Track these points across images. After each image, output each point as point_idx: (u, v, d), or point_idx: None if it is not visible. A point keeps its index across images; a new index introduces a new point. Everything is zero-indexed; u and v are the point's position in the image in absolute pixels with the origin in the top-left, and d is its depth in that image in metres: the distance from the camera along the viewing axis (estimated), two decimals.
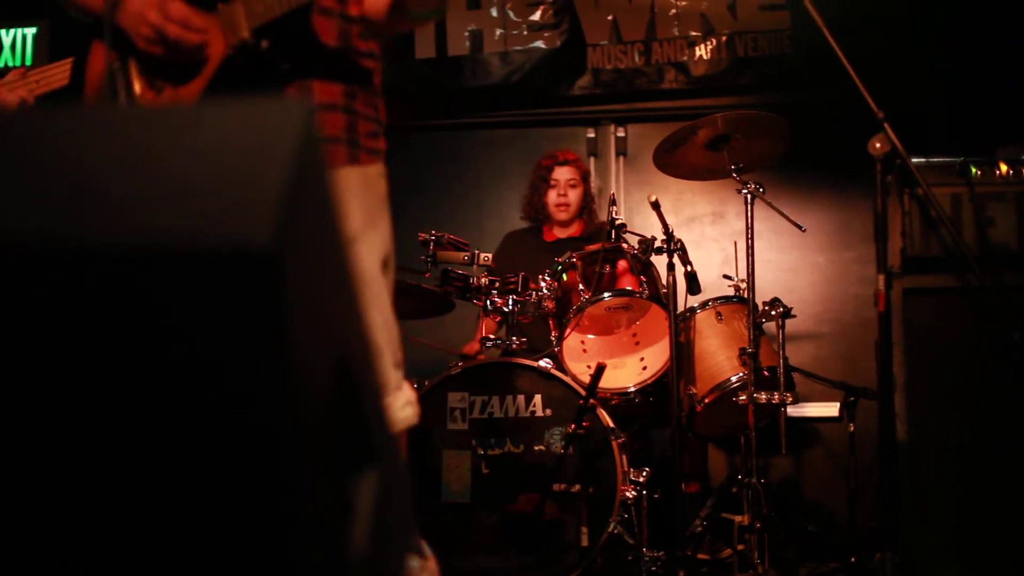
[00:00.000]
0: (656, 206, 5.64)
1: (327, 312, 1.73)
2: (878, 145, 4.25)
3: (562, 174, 6.82)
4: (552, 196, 6.81)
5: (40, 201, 1.55)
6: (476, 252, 5.59)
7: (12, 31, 8.00)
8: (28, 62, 7.93)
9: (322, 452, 1.61)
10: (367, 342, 1.97)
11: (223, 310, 1.46)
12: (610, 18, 8.05)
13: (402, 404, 3.17)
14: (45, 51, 7.96)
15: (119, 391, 1.50)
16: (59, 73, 4.26)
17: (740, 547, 5.32)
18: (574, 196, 6.80)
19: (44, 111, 1.68)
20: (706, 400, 5.58)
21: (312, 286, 1.61)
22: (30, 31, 7.95)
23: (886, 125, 4.24)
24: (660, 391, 5.65)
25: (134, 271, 1.49)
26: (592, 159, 8.08)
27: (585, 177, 6.89)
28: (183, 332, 1.47)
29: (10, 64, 7.93)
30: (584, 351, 5.76)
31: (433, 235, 5.54)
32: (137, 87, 3.26)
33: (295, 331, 1.49)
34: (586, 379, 5.18)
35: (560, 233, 6.81)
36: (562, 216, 6.78)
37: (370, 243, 3.13)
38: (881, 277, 4.27)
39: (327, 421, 1.64)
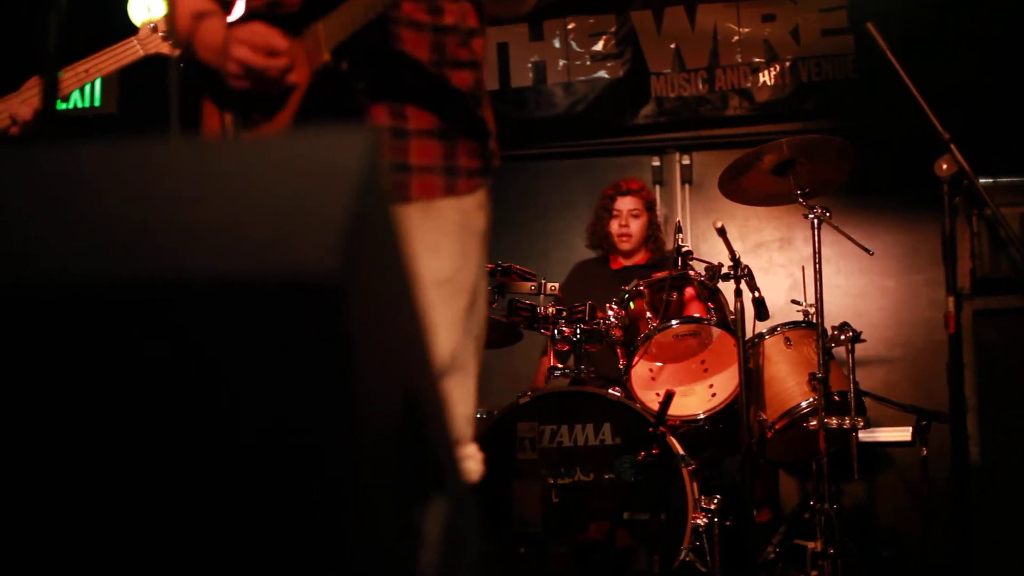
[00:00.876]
0: (722, 232, 5.64)
1: (394, 346, 1.74)
2: (945, 166, 4.23)
3: (624, 204, 6.81)
4: (614, 226, 6.80)
5: (100, 238, 1.57)
6: (543, 282, 5.61)
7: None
8: (97, 103, 8.01)
9: (389, 484, 1.62)
10: (434, 377, 1.97)
11: (285, 344, 1.47)
12: (673, 46, 8.06)
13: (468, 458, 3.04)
14: (114, 91, 8.06)
15: (180, 432, 1.52)
16: (74, 77, 4.29)
17: (813, 574, 5.27)
18: (636, 226, 6.77)
19: (110, 145, 1.70)
20: (776, 426, 5.55)
21: (378, 319, 1.61)
22: None
23: (952, 146, 4.22)
24: (729, 418, 5.63)
25: (193, 308, 1.50)
26: (658, 187, 8.08)
27: (649, 206, 6.86)
28: (245, 367, 1.49)
29: (80, 105, 8.03)
30: (653, 379, 5.75)
31: (500, 265, 5.56)
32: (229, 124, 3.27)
33: (359, 365, 1.50)
34: (655, 407, 5.16)
35: (626, 261, 6.80)
36: (625, 246, 6.76)
37: (459, 284, 2.99)
38: (951, 299, 4.24)
39: (393, 453, 1.65)
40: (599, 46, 8.19)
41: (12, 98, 4.22)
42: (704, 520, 5.01)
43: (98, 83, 8.01)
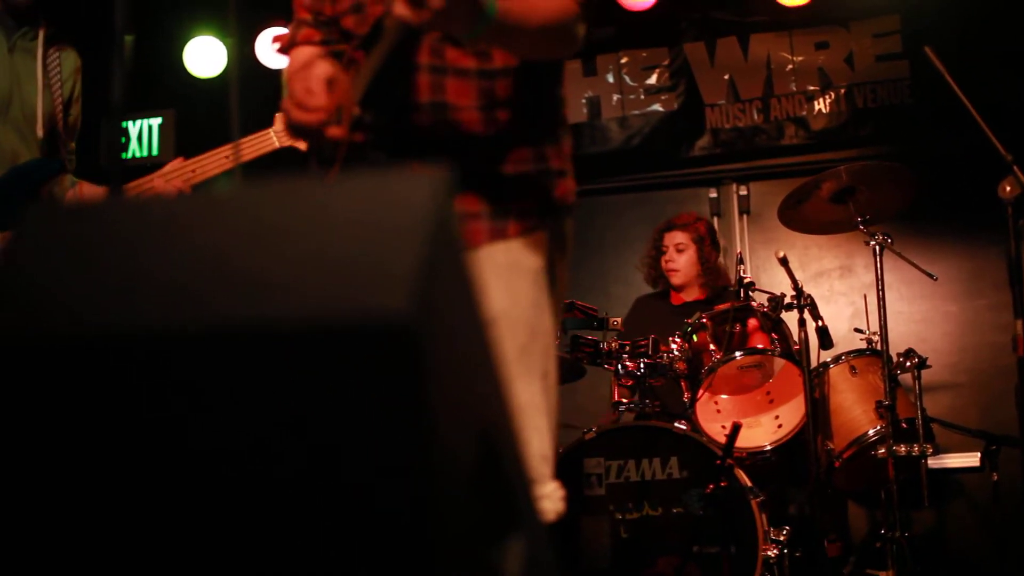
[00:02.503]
0: (784, 262, 5.62)
1: (468, 386, 1.74)
2: (1008, 188, 4.19)
3: (670, 239, 6.78)
4: (663, 260, 6.79)
5: (178, 285, 1.59)
6: (607, 317, 5.61)
7: (138, 122, 8.19)
8: (155, 152, 8.09)
9: (468, 523, 1.62)
10: (510, 417, 1.97)
11: (363, 387, 1.48)
12: (726, 77, 8.06)
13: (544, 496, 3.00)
14: (171, 141, 8.13)
15: (256, 472, 1.53)
16: (215, 162, 4.35)
17: None
18: (682, 260, 6.71)
19: (182, 196, 1.73)
20: (844, 455, 5.51)
21: (452, 360, 1.62)
22: (155, 121, 8.14)
23: (1015, 168, 4.18)
24: (797, 448, 5.59)
25: (273, 351, 1.52)
26: (716, 219, 8.05)
27: (699, 240, 6.77)
28: (321, 410, 1.50)
29: (138, 155, 8.11)
30: (718, 411, 5.73)
31: (562, 302, 5.56)
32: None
33: (436, 405, 1.50)
34: (721, 439, 5.14)
35: (687, 296, 6.76)
36: (675, 280, 6.72)
37: (509, 322, 2.92)
38: (1019, 322, 4.20)
39: (471, 492, 1.65)
40: (653, 79, 8.20)
41: (156, 177, 4.29)
42: (774, 552, 4.98)
43: (156, 131, 8.10)
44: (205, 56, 8.12)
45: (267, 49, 7.58)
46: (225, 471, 1.53)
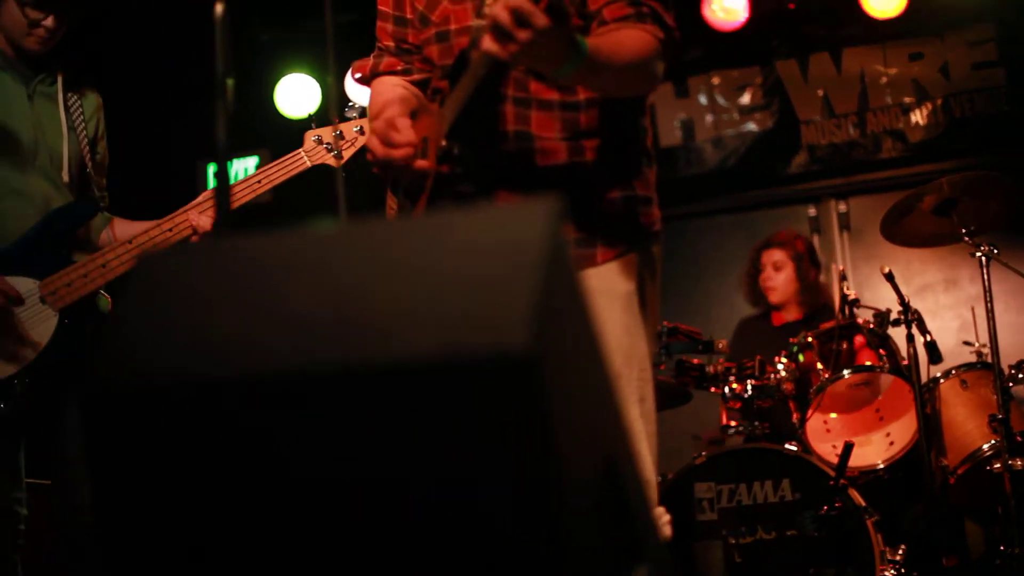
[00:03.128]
0: (890, 277, 5.54)
1: (589, 413, 1.73)
2: None
3: (768, 257, 6.72)
4: (760, 279, 6.73)
5: (300, 324, 1.60)
6: (713, 340, 5.57)
7: (233, 162, 8.25)
8: None
9: (595, 549, 1.61)
10: (629, 442, 1.96)
11: (488, 418, 1.48)
12: (820, 93, 8.01)
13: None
14: None
15: (389, 505, 1.53)
16: (248, 187, 4.38)
17: None
18: (780, 279, 6.64)
19: (298, 233, 1.73)
20: (959, 471, 5.42)
21: (573, 388, 1.62)
22: (251, 162, 8.20)
23: None
24: (909, 465, 5.50)
25: (399, 388, 1.52)
26: (816, 236, 7.98)
27: (797, 257, 6.69)
28: (450, 443, 1.49)
29: None
30: (828, 431, 5.66)
31: (665, 327, 5.53)
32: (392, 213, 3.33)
33: (560, 434, 1.50)
34: (832, 459, 5.09)
35: (787, 316, 6.69)
36: (772, 299, 6.66)
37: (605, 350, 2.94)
38: None
39: (596, 519, 1.65)
40: (746, 99, 8.16)
41: (191, 208, 4.33)
42: (891, 572, 4.90)
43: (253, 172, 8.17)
44: (296, 95, 8.18)
45: (355, 86, 7.65)
46: (354, 505, 1.54)
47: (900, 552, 5.00)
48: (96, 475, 1.62)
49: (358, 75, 3.48)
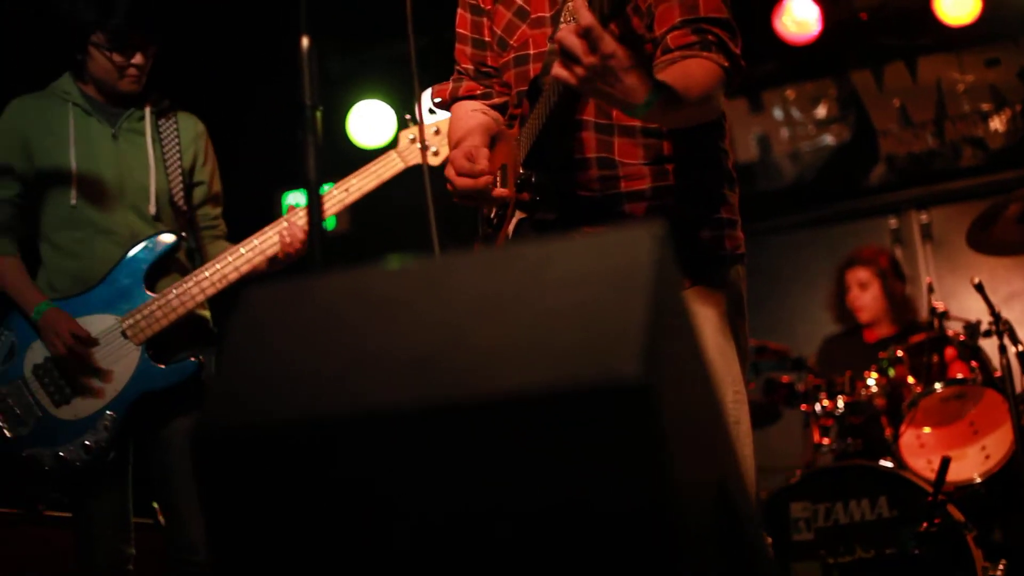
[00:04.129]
0: (980, 288, 5.45)
1: (701, 436, 1.71)
2: None
3: (852, 277, 6.67)
4: (848, 300, 6.67)
5: (403, 360, 1.57)
6: (802, 357, 5.51)
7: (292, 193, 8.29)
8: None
9: (711, 567, 1.60)
10: (738, 465, 1.93)
11: (601, 447, 1.46)
12: (897, 103, 7.92)
13: None
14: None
15: (497, 541, 1.50)
16: (334, 201, 4.38)
17: None
18: (867, 297, 6.59)
19: (402, 268, 1.71)
20: None
21: (685, 411, 1.59)
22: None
23: None
24: (1007, 478, 5.40)
25: (510, 418, 1.49)
26: (898, 248, 7.89)
27: (881, 274, 6.64)
28: (567, 471, 1.47)
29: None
30: (922, 446, 5.57)
31: (753, 345, 5.47)
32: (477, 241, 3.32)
33: (676, 459, 1.47)
34: (928, 474, 5.00)
35: (879, 332, 6.61)
36: (862, 318, 6.61)
37: None
38: None
39: (712, 537, 1.62)
40: (821, 111, 8.09)
41: (278, 224, 4.35)
42: None
43: None
44: (369, 123, 8.16)
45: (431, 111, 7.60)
46: (468, 538, 1.52)
47: (1001, 567, 4.90)
48: (209, 514, 1.63)
49: (437, 99, 3.47)
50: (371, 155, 7.98)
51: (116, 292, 4.22)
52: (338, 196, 4.40)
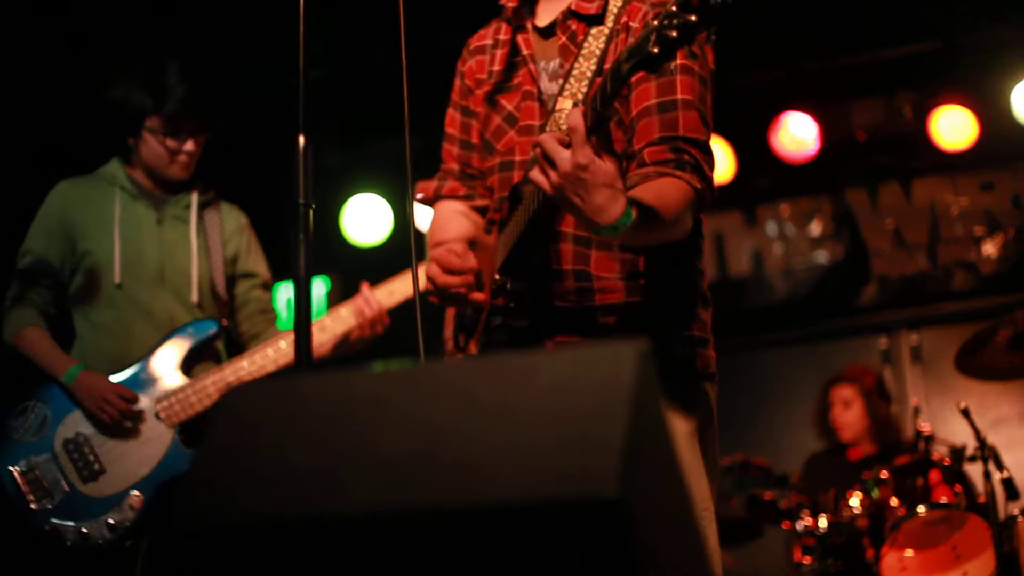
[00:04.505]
0: (966, 414, 5.45)
1: (676, 549, 1.71)
2: None
3: (837, 394, 6.72)
4: (830, 417, 6.69)
5: (381, 463, 1.58)
6: (785, 473, 5.50)
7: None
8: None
9: None
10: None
11: (576, 558, 1.47)
12: (891, 223, 7.96)
13: None
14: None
15: None
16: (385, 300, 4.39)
17: None
18: (850, 416, 6.63)
19: (383, 370, 1.72)
20: None
21: (661, 523, 1.60)
22: (318, 284, 8.18)
23: None
24: None
25: (486, 526, 1.50)
26: (888, 368, 7.89)
27: (866, 393, 6.67)
28: None
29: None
30: (903, 569, 5.53)
31: (736, 461, 5.47)
32: (448, 345, 3.33)
33: (649, 573, 1.48)
34: None
35: (863, 451, 6.61)
36: (843, 436, 6.64)
37: None
38: None
39: None
40: (815, 229, 8.14)
41: (350, 303, 4.37)
42: None
43: (324, 297, 8.19)
44: (362, 218, 8.13)
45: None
46: None
47: None
48: None
49: (420, 196, 3.49)
50: (364, 251, 8.06)
51: (153, 374, 4.28)
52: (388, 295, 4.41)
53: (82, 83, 5.16)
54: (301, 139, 2.45)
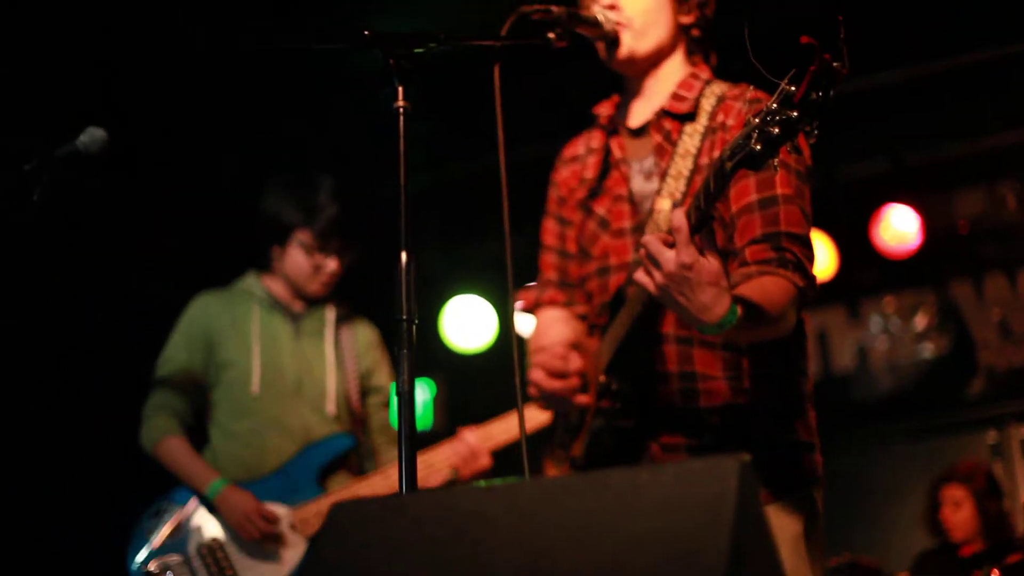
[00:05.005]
0: None
1: None
2: None
3: (947, 494, 6.61)
4: (940, 516, 6.58)
5: None
6: (892, 573, 5.43)
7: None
8: (428, 425, 8.10)
9: None
10: None
11: None
12: (997, 315, 7.87)
13: None
14: (440, 411, 8.18)
15: None
16: (500, 435, 4.40)
17: None
18: (960, 516, 6.52)
19: (490, 487, 1.74)
20: None
21: None
22: (421, 387, 8.14)
23: None
24: None
25: None
26: (998, 463, 7.75)
27: (977, 493, 6.55)
28: None
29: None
30: None
31: (847, 558, 5.40)
32: (553, 449, 3.34)
33: None
34: None
35: (973, 548, 6.48)
36: (954, 536, 6.52)
37: None
38: None
39: None
40: (921, 322, 8.05)
41: (451, 442, 4.42)
42: None
43: (429, 403, 8.16)
44: (467, 324, 8.09)
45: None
46: None
47: None
48: None
49: (521, 305, 3.53)
50: (464, 357, 8.03)
51: (289, 484, 4.35)
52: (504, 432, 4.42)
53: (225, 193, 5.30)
54: (403, 255, 2.50)
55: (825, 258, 7.37)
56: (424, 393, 8.13)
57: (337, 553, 1.74)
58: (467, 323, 8.07)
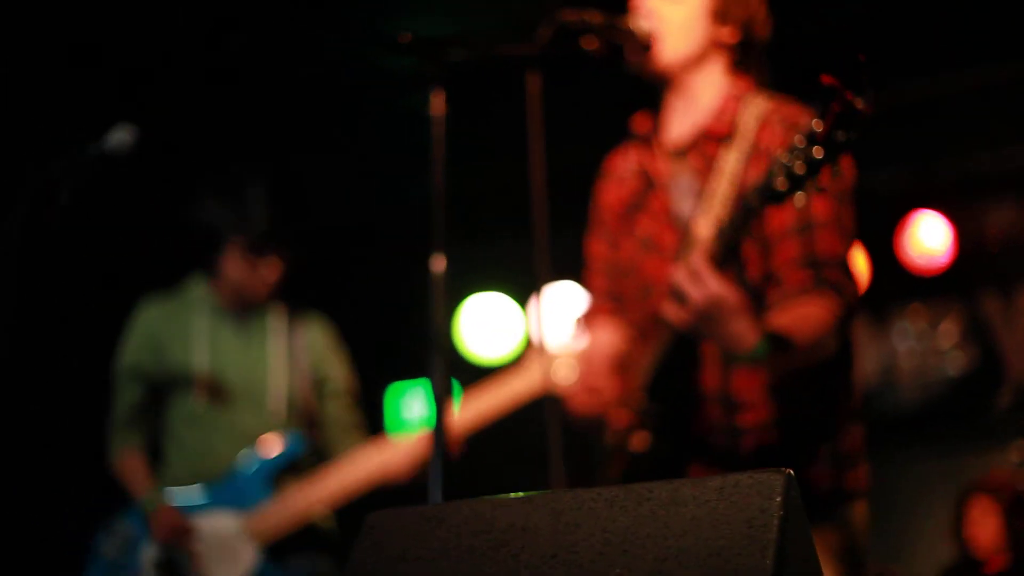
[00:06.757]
0: None
1: None
2: None
3: (974, 504, 6.55)
4: (965, 527, 6.54)
5: None
6: None
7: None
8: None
9: None
10: None
11: None
12: None
13: None
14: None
15: None
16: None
17: None
18: (987, 529, 6.46)
19: (520, 499, 1.73)
20: None
21: None
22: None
23: None
24: None
25: None
26: None
27: (1005, 506, 6.50)
28: None
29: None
30: None
31: (874, 570, 5.37)
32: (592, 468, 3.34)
33: None
34: None
35: (998, 563, 6.42)
36: (981, 549, 6.45)
37: None
38: None
39: None
40: (947, 336, 8.01)
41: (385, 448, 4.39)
42: None
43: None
44: (482, 319, 8.01)
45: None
46: None
47: None
48: None
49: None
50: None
51: (239, 490, 4.30)
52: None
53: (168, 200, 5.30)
54: (437, 262, 2.49)
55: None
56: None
57: (374, 563, 1.73)
58: (489, 328, 8.01)
